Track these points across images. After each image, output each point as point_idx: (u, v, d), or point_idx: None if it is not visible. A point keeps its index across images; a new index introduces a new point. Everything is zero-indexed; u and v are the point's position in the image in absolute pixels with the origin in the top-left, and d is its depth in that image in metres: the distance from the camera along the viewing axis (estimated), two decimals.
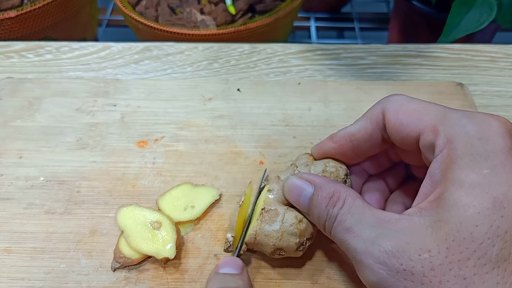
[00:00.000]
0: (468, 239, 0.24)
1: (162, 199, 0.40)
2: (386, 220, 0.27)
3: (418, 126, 0.29)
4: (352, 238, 0.28)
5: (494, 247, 0.24)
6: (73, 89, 0.51)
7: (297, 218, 0.34)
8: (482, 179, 0.25)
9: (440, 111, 0.29)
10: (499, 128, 0.26)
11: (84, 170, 0.43)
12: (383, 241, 0.26)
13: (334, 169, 0.35)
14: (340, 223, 0.29)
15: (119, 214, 0.38)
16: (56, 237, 0.38)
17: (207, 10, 0.71)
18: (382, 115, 0.31)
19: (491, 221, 0.24)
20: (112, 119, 0.48)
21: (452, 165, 0.26)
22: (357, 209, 0.29)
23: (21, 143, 0.45)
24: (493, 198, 0.24)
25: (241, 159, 0.44)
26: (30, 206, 0.40)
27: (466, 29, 0.53)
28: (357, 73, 0.54)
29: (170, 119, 0.48)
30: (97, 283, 0.36)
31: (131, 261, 0.36)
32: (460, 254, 0.24)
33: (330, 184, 0.31)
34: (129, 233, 0.36)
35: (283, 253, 0.34)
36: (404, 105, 0.30)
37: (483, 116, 0.27)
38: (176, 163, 0.44)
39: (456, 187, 0.25)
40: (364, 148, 0.34)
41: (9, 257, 0.37)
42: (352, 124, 0.34)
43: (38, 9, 0.68)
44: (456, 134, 0.27)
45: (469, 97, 0.49)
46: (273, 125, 0.47)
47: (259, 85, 0.51)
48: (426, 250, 0.24)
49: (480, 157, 0.25)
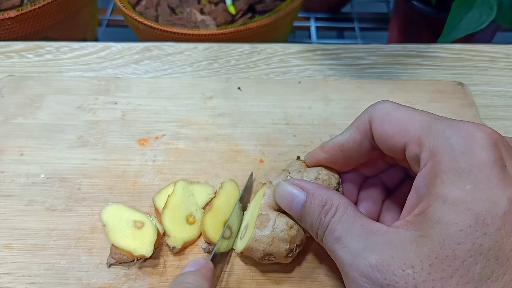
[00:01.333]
0: (450, 256, 0.24)
1: (158, 197, 0.40)
2: (374, 231, 0.27)
3: (403, 138, 0.28)
4: (340, 249, 0.28)
5: (477, 266, 0.23)
6: (74, 87, 0.51)
7: (288, 224, 0.33)
8: (465, 196, 0.24)
9: (424, 121, 0.28)
10: (484, 141, 0.26)
11: (85, 167, 0.43)
12: (368, 254, 0.26)
13: (326, 177, 0.35)
14: (330, 232, 0.29)
15: (104, 210, 0.38)
16: (56, 234, 0.39)
17: (207, 10, 0.71)
18: (369, 124, 0.31)
19: (473, 238, 0.24)
20: (113, 117, 0.48)
21: (436, 179, 0.26)
22: (347, 218, 0.29)
23: (22, 140, 0.45)
24: (475, 215, 0.24)
25: (241, 157, 0.44)
26: (30, 203, 0.41)
27: (466, 29, 0.53)
28: (357, 73, 0.54)
29: (171, 117, 0.48)
30: (97, 279, 0.36)
31: (126, 257, 0.36)
32: (442, 272, 0.24)
33: (323, 191, 0.31)
34: (110, 228, 0.37)
35: (273, 258, 0.34)
36: (390, 114, 0.30)
37: (468, 127, 0.27)
38: (177, 161, 0.44)
39: (439, 202, 0.25)
40: (355, 157, 0.34)
41: (9, 253, 0.37)
42: (341, 134, 0.34)
43: (38, 9, 0.68)
44: (439, 147, 0.26)
45: (469, 96, 0.49)
46: (274, 124, 0.47)
47: (260, 83, 0.51)
48: (409, 266, 0.24)
49: (463, 172, 0.25)
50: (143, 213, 0.38)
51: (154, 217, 0.39)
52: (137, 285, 0.35)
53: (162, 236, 0.38)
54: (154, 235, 0.36)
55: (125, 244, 0.36)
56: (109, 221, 0.37)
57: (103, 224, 0.37)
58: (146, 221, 0.37)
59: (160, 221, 0.38)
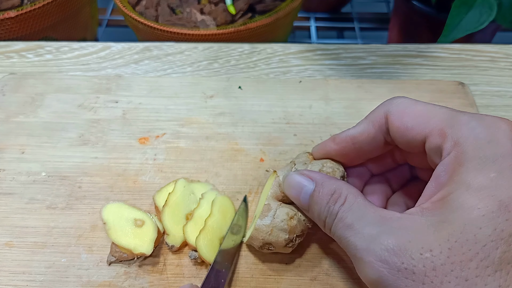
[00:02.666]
0: (471, 240, 0.24)
1: (158, 195, 0.40)
2: (387, 218, 0.27)
3: (424, 129, 0.29)
4: (353, 235, 0.28)
5: (497, 250, 0.23)
6: (75, 86, 0.51)
7: (289, 214, 0.34)
8: (489, 182, 0.25)
9: (447, 113, 0.29)
10: (508, 131, 0.26)
11: (86, 165, 0.43)
12: (384, 238, 0.26)
13: (330, 169, 0.35)
14: (341, 220, 0.29)
15: (105, 208, 0.38)
16: (57, 231, 0.39)
17: (207, 10, 0.71)
18: (385, 118, 0.31)
19: (495, 224, 0.24)
20: (114, 116, 0.48)
21: (460, 168, 0.26)
22: (358, 206, 0.29)
23: (24, 138, 0.46)
24: (499, 201, 0.24)
25: (242, 156, 0.44)
26: (31, 201, 0.41)
27: (466, 29, 0.53)
28: (357, 73, 0.54)
29: (172, 116, 0.48)
30: (98, 277, 0.36)
31: (126, 255, 0.36)
32: (462, 255, 0.24)
33: (332, 181, 0.31)
34: (111, 226, 0.37)
35: (272, 248, 0.34)
36: (409, 107, 0.30)
37: (492, 119, 0.27)
38: (177, 159, 0.44)
39: (462, 189, 0.25)
40: (366, 150, 0.34)
41: (10, 251, 0.38)
42: (354, 127, 0.34)
43: (38, 9, 0.68)
44: (464, 137, 0.27)
45: (470, 96, 0.49)
46: (274, 123, 0.47)
47: (260, 82, 0.51)
48: (428, 249, 0.24)
49: (488, 160, 0.25)
50: (143, 211, 0.38)
51: (154, 215, 0.39)
52: (137, 283, 0.36)
53: (162, 234, 0.38)
54: (154, 233, 0.37)
55: (125, 242, 0.36)
56: (109, 219, 0.37)
57: (104, 222, 0.37)
58: (147, 219, 0.38)
59: (160, 219, 0.38)
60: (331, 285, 0.35)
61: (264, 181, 0.42)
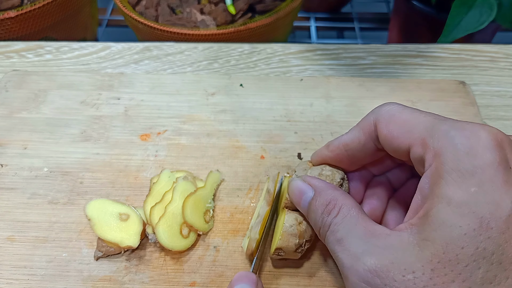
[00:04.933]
0: (453, 261, 0.23)
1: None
2: (376, 234, 0.27)
3: (408, 139, 0.28)
4: (341, 251, 0.28)
5: (480, 270, 0.23)
6: (78, 82, 0.51)
7: (297, 219, 0.34)
8: (469, 197, 0.24)
9: (429, 122, 0.28)
10: (488, 141, 0.25)
11: (88, 161, 0.44)
12: (368, 259, 0.26)
13: (330, 172, 0.35)
14: (332, 233, 0.29)
15: (88, 205, 0.38)
16: (58, 226, 0.39)
17: (207, 10, 0.71)
18: (374, 125, 0.31)
19: (477, 242, 0.23)
20: (116, 112, 0.48)
21: (440, 180, 0.25)
22: (350, 220, 0.28)
23: (26, 134, 0.46)
24: (479, 219, 0.24)
25: (243, 153, 0.45)
26: (33, 196, 0.41)
27: (466, 29, 0.53)
28: (357, 73, 0.54)
29: (173, 113, 0.48)
30: (98, 272, 0.36)
31: (113, 249, 0.37)
32: (444, 277, 0.23)
33: (329, 191, 0.31)
34: (96, 222, 0.37)
35: (282, 253, 0.34)
36: (395, 116, 0.30)
37: (472, 127, 0.26)
38: (178, 156, 0.44)
39: (443, 204, 0.25)
40: (359, 157, 0.34)
41: (12, 245, 0.38)
42: (346, 133, 0.34)
43: (38, 9, 0.68)
44: (444, 147, 0.26)
45: (470, 95, 0.49)
46: (275, 120, 0.47)
47: (262, 80, 0.52)
48: (410, 271, 0.24)
49: (468, 174, 0.25)
50: (127, 205, 0.39)
51: (141, 209, 0.39)
52: (138, 278, 0.36)
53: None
54: (140, 226, 0.37)
55: (111, 236, 0.36)
56: (94, 215, 0.38)
57: (88, 218, 0.38)
58: (131, 213, 0.38)
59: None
60: (330, 282, 0.36)
61: (264, 179, 0.42)
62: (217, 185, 0.41)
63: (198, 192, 0.39)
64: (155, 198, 0.39)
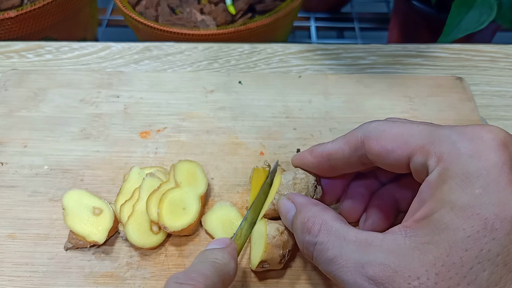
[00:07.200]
0: (458, 264, 0.23)
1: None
2: (369, 242, 0.26)
3: (405, 150, 0.28)
4: (337, 269, 0.27)
5: (485, 272, 0.23)
6: (77, 81, 0.51)
7: (279, 229, 0.34)
8: (473, 200, 0.24)
9: (425, 130, 0.28)
10: (492, 142, 0.25)
11: (88, 159, 0.44)
12: (370, 269, 0.25)
13: (304, 175, 0.35)
14: (321, 253, 0.28)
15: (66, 194, 0.38)
16: (59, 223, 0.39)
17: (207, 10, 0.72)
18: (361, 142, 0.31)
19: (481, 244, 0.23)
20: (116, 110, 0.48)
21: (443, 185, 0.25)
22: (336, 235, 0.28)
23: (26, 132, 0.46)
24: (484, 220, 0.23)
25: (242, 150, 0.45)
26: (34, 193, 0.41)
27: (466, 29, 0.53)
28: (357, 73, 0.54)
29: (173, 111, 0.48)
30: (100, 268, 0.36)
31: (82, 242, 0.37)
32: (449, 280, 0.23)
33: (308, 208, 0.31)
34: (69, 212, 0.37)
35: (267, 265, 0.34)
36: (386, 131, 0.29)
37: (474, 129, 0.26)
38: (178, 153, 0.44)
39: (446, 208, 0.24)
40: (340, 167, 0.34)
41: (13, 243, 0.38)
42: (331, 142, 0.33)
43: (38, 9, 0.68)
44: (446, 152, 0.26)
45: (467, 90, 0.49)
46: (274, 117, 0.48)
47: (260, 77, 0.52)
48: (415, 278, 0.24)
49: (472, 176, 0.24)
50: (103, 200, 0.39)
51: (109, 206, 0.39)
52: (139, 273, 0.36)
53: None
54: (110, 223, 0.37)
55: (80, 229, 0.37)
56: (69, 205, 0.38)
57: (63, 208, 0.38)
58: (105, 208, 0.38)
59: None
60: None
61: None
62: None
63: (162, 187, 0.38)
64: (125, 196, 0.39)
